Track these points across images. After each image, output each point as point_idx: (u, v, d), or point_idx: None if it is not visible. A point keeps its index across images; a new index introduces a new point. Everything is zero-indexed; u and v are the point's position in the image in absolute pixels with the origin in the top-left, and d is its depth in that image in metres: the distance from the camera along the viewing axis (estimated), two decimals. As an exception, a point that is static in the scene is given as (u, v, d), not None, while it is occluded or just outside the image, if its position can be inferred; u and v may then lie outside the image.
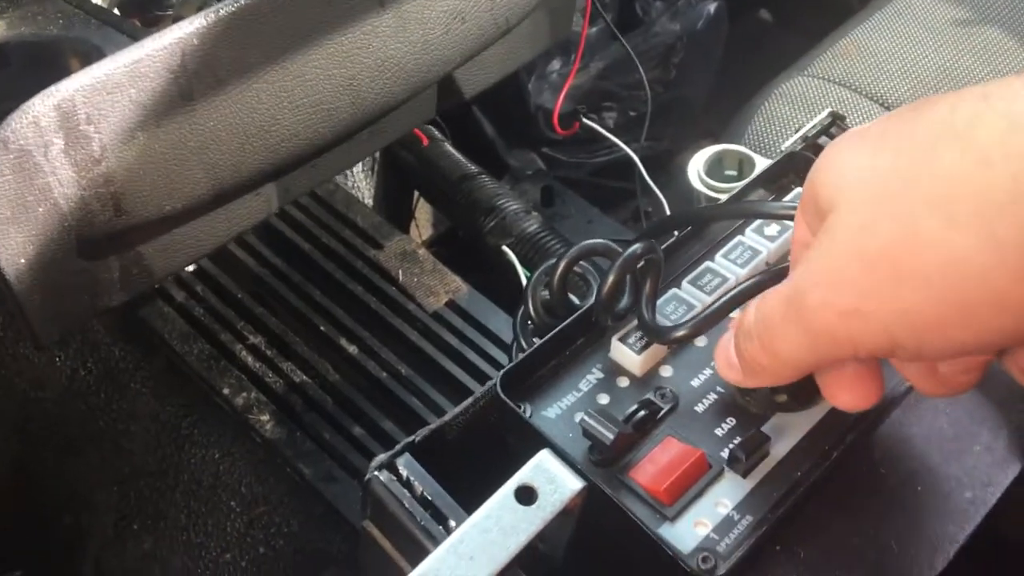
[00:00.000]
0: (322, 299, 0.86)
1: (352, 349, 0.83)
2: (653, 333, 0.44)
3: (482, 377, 0.81)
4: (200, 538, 0.81)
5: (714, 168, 0.67)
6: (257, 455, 0.80)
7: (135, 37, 0.49)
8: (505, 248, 0.89)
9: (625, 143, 1.06)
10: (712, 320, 0.43)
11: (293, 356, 0.82)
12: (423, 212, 1.22)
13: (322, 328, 0.84)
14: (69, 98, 0.43)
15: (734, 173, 0.67)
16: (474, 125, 1.28)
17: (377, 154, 1.08)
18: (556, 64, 1.27)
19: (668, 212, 0.92)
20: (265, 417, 0.79)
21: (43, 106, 0.43)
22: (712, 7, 1.25)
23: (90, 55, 0.48)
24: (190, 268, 0.89)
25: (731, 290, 0.42)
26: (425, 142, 1.01)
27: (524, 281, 0.86)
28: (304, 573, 0.76)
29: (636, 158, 0.95)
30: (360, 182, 1.05)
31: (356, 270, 0.88)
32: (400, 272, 0.88)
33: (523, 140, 1.28)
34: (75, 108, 0.44)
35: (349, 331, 0.84)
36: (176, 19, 0.48)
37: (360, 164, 1.05)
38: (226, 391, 0.81)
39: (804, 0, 1.42)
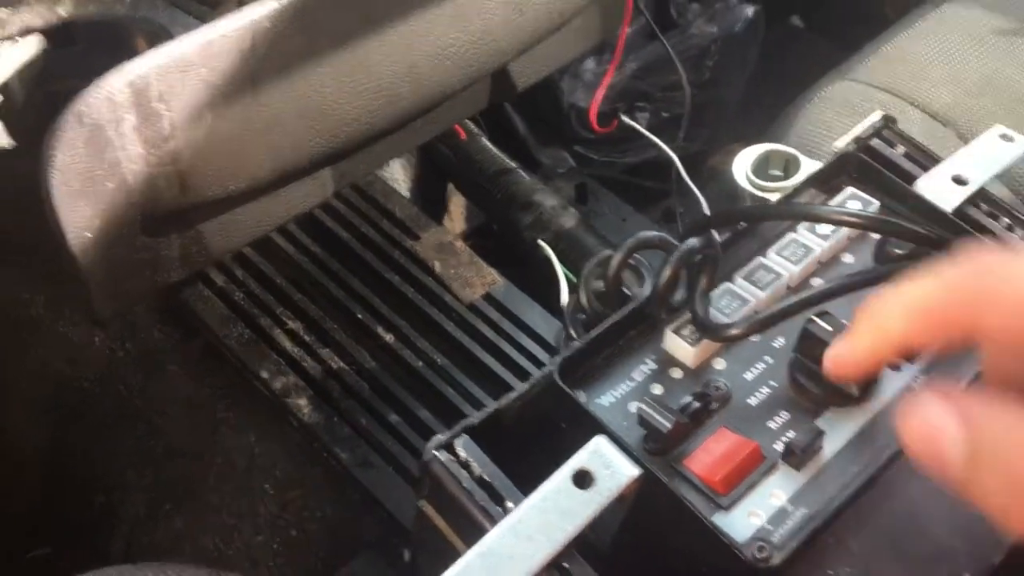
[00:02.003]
0: (360, 287, 0.87)
1: (389, 338, 0.84)
2: (707, 330, 0.45)
3: (518, 369, 0.81)
4: (232, 519, 0.82)
5: (760, 168, 0.67)
6: (293, 439, 0.81)
7: (201, 18, 0.50)
8: (542, 243, 0.90)
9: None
10: (767, 323, 0.43)
11: (331, 343, 0.83)
12: (456, 205, 1.22)
13: (359, 316, 0.85)
14: (143, 75, 0.44)
15: (780, 173, 0.67)
16: (506, 122, 1.28)
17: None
18: (590, 64, 1.27)
19: (706, 212, 0.92)
20: (303, 402, 0.80)
21: (118, 82, 0.44)
22: (750, 11, 1.25)
23: (157, 35, 0.49)
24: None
25: (784, 295, 0.42)
26: (463, 136, 1.01)
27: (561, 276, 0.86)
28: (336, 558, 0.77)
29: (675, 158, 0.95)
30: (397, 174, 1.06)
31: (394, 260, 0.88)
32: (437, 263, 0.88)
33: (555, 138, 1.28)
34: (148, 85, 0.45)
35: (386, 320, 0.84)
36: (241, 2, 0.49)
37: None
38: (264, 375, 0.82)
39: (836, 7, 1.42)
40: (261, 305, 0.85)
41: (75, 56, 0.55)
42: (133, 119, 0.45)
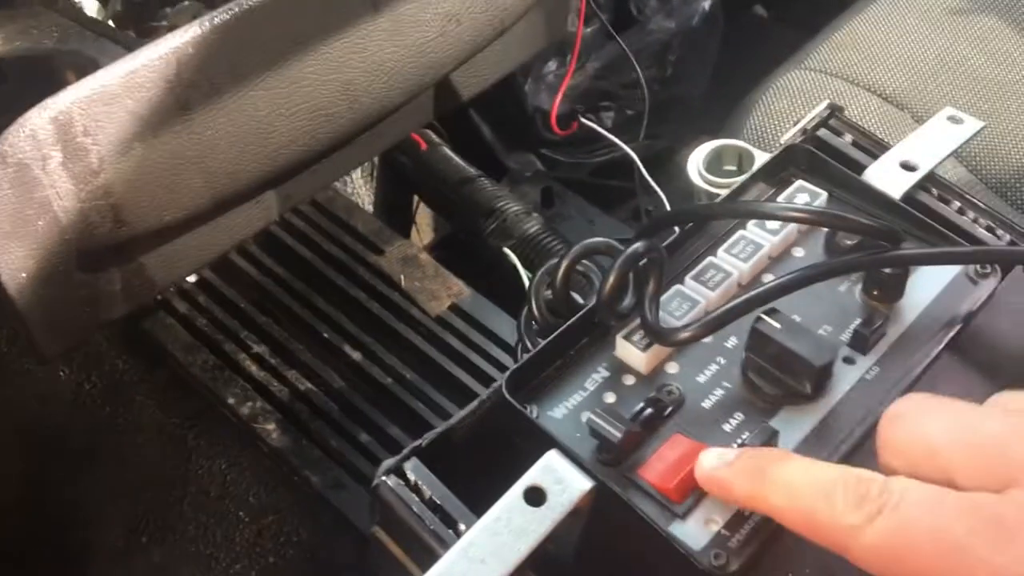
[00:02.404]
0: (325, 306, 0.86)
1: (356, 355, 0.83)
2: (657, 335, 0.44)
3: (487, 380, 0.81)
4: (209, 549, 0.81)
5: (713, 163, 0.67)
6: (264, 464, 0.80)
7: (130, 48, 0.49)
8: (506, 250, 0.89)
9: (624, 142, 1.06)
10: (717, 323, 0.43)
11: (297, 364, 0.82)
12: (423, 216, 1.21)
13: (325, 335, 0.84)
14: (66, 110, 0.43)
15: (734, 168, 0.67)
16: (471, 128, 1.27)
17: (375, 160, 1.08)
18: (552, 65, 1.26)
19: (668, 209, 0.92)
20: (271, 426, 0.79)
21: (40, 119, 0.43)
22: (707, 4, 1.25)
23: (86, 68, 0.48)
24: (192, 279, 0.89)
25: (734, 294, 0.42)
26: (423, 146, 1.01)
27: (526, 283, 0.86)
28: (315, 582, 0.76)
29: (635, 157, 0.95)
30: (360, 188, 1.05)
31: (358, 276, 0.88)
32: (402, 277, 0.88)
33: (521, 142, 1.27)
34: (72, 120, 0.44)
35: (353, 337, 0.84)
36: (171, 29, 0.48)
37: (359, 170, 1.05)
38: (231, 401, 0.81)
39: (798, -6, 1.42)
40: (225, 330, 0.84)
41: (5, 94, 0.54)
42: (59, 155, 0.44)
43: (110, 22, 0.67)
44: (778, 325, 0.43)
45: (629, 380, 0.45)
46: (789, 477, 0.35)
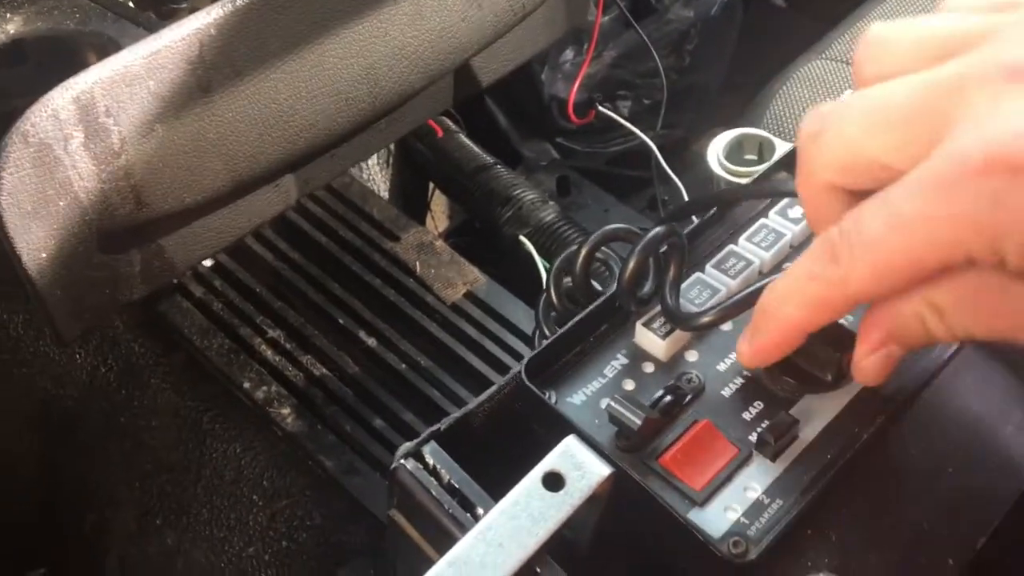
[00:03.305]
0: (340, 292, 0.86)
1: (371, 342, 0.83)
2: (677, 320, 0.44)
3: (502, 367, 0.80)
4: (223, 532, 0.81)
5: (734, 153, 0.66)
6: (279, 449, 0.80)
7: (151, 30, 0.49)
8: (522, 238, 0.89)
9: (641, 131, 1.05)
10: (738, 308, 0.43)
11: (312, 349, 0.82)
12: (439, 204, 1.21)
13: (341, 321, 0.84)
14: (88, 90, 0.43)
15: (754, 157, 0.66)
16: (487, 117, 1.27)
17: (392, 146, 1.07)
18: (569, 54, 1.26)
19: (686, 199, 0.92)
20: (286, 411, 0.79)
21: (62, 99, 0.43)
22: (726, -7, 1.24)
23: (107, 48, 0.48)
24: (208, 263, 0.89)
25: (755, 280, 0.42)
26: (440, 133, 1.00)
27: (542, 271, 0.86)
28: (327, 566, 0.76)
29: (653, 145, 0.94)
30: (375, 175, 1.05)
31: (373, 263, 0.87)
32: (418, 264, 0.87)
33: (537, 131, 1.27)
34: (94, 101, 0.44)
35: (368, 324, 0.83)
36: (192, 11, 0.48)
37: (375, 157, 1.05)
38: (246, 385, 0.81)
39: (817, -16, 1.41)
40: (241, 315, 0.84)
41: (26, 74, 0.54)
42: (81, 136, 0.44)
43: (131, 3, 0.67)
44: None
45: (648, 367, 0.45)
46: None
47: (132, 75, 0.44)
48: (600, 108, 1.11)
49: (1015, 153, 0.28)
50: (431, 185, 1.12)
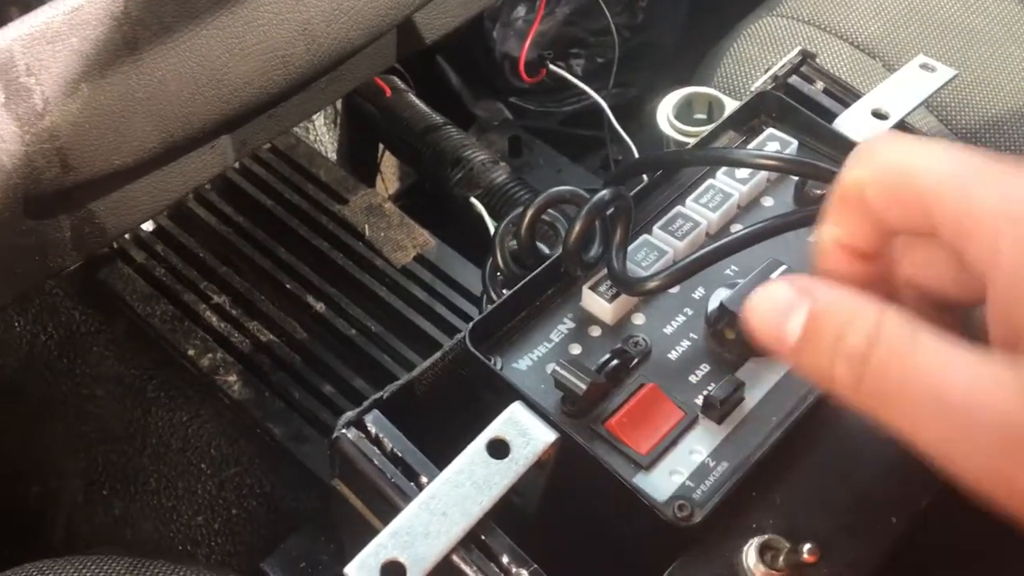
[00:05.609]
0: (287, 256, 0.84)
1: (319, 306, 0.81)
2: (624, 284, 0.43)
3: (452, 331, 0.80)
4: (171, 502, 0.80)
5: (683, 111, 0.66)
6: (226, 416, 0.79)
7: (75, -16, 0.47)
8: (473, 200, 0.88)
9: (594, 90, 1.04)
10: (684, 273, 0.42)
11: (259, 315, 0.81)
12: (389, 165, 1.19)
13: (288, 286, 0.82)
14: (6, 48, 0.41)
15: (704, 116, 0.66)
16: (438, 75, 1.25)
17: (339, 106, 1.05)
18: (521, 11, 1.24)
19: (636, 157, 0.91)
20: (232, 378, 0.78)
21: (-22, 57, 0.41)
22: (678, -51, 1.23)
23: (30, 4, 0.46)
24: (149, 227, 0.86)
25: (702, 243, 0.41)
26: (388, 93, 0.98)
27: (492, 232, 0.85)
28: (278, 533, 0.75)
29: (605, 105, 0.93)
30: (323, 136, 1.03)
31: (321, 226, 0.86)
32: (367, 227, 0.86)
33: (489, 90, 1.25)
34: (13, 59, 0.41)
35: (316, 288, 0.82)
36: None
37: (322, 117, 1.03)
38: (191, 352, 0.79)
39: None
40: (184, 280, 0.82)
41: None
42: (1, 96, 0.42)
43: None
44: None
45: (595, 331, 0.44)
46: None
47: (54, 32, 0.42)
48: (552, 67, 1.09)
49: None
50: (380, 146, 1.10)
